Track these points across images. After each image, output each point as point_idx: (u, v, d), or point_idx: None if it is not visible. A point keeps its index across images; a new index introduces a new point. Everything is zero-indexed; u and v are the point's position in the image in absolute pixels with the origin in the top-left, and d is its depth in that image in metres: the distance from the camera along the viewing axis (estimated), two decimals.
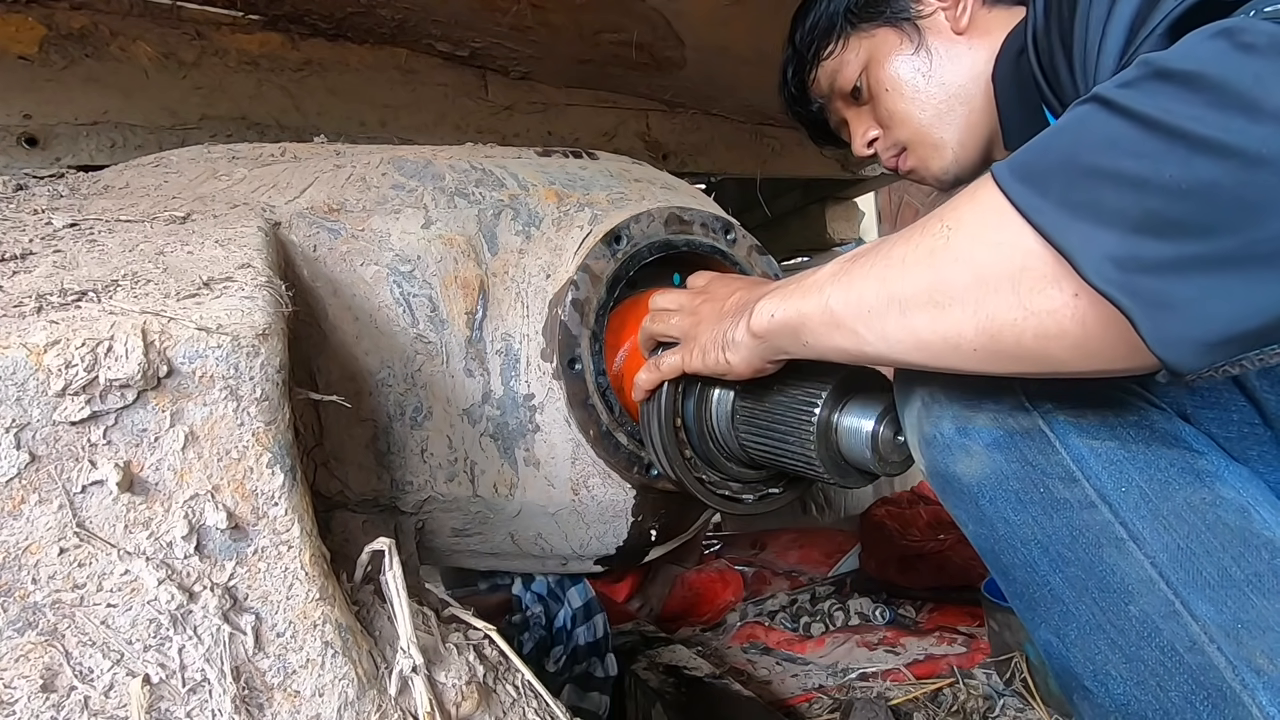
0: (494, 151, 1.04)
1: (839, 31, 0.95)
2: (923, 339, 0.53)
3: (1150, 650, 0.54)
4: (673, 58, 1.68)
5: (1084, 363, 0.47)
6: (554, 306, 0.89)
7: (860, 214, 2.63)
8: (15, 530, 0.45)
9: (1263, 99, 0.37)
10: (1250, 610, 0.51)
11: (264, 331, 0.51)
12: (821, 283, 0.61)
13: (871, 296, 0.55)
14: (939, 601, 1.61)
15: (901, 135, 0.95)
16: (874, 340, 0.56)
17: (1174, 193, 0.39)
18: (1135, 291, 0.40)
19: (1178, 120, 0.39)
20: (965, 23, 0.88)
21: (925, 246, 0.51)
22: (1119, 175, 0.41)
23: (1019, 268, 0.46)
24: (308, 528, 0.52)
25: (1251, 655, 0.50)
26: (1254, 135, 0.37)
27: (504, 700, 0.59)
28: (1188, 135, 0.38)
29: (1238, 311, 0.39)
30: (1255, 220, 0.37)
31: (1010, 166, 0.46)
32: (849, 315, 0.58)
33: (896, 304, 0.53)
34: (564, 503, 0.92)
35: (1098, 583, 0.56)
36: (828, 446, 0.76)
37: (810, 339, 0.63)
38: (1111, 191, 0.41)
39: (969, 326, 0.49)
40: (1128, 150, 0.41)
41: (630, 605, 1.64)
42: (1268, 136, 0.37)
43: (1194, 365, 0.40)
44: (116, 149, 1.40)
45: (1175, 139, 0.39)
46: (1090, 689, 0.58)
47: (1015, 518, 0.60)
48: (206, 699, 0.47)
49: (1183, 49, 0.41)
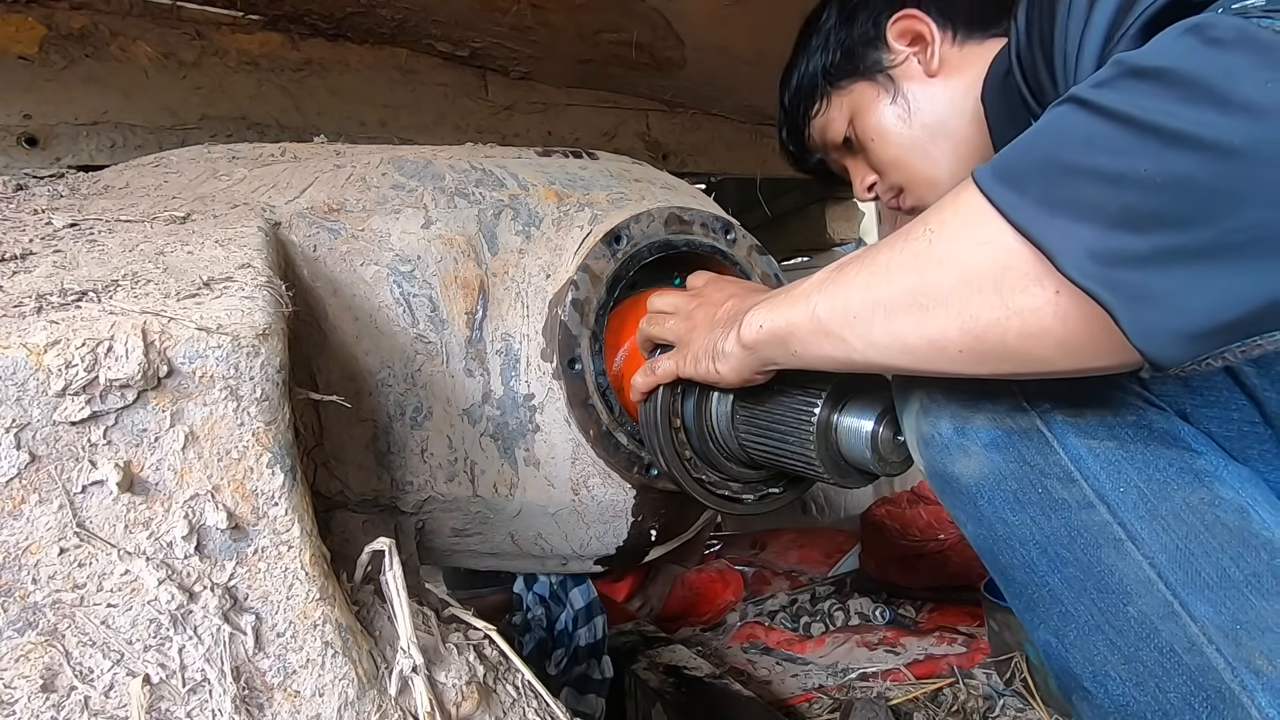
0: (494, 151, 1.04)
1: (820, 92, 0.99)
2: (908, 343, 0.53)
3: (1149, 651, 0.54)
4: (673, 58, 1.68)
5: (1068, 361, 0.47)
6: (554, 306, 0.89)
7: (860, 214, 2.63)
8: (15, 530, 0.45)
9: (1232, 91, 0.37)
10: (1249, 611, 0.51)
11: (264, 331, 0.51)
12: (809, 291, 0.61)
13: (857, 302, 0.56)
14: (939, 601, 1.61)
15: (896, 179, 0.98)
16: (861, 347, 0.57)
17: (1150, 186, 0.39)
18: (1115, 286, 0.40)
19: (1151, 116, 0.39)
20: (936, 65, 0.90)
21: (909, 251, 0.52)
22: (1096, 171, 0.41)
23: (1001, 267, 0.46)
24: (308, 528, 0.52)
25: (1250, 656, 0.50)
26: (1226, 127, 0.37)
27: (504, 700, 0.59)
28: (1161, 130, 0.39)
29: (1217, 302, 0.39)
30: (1230, 210, 0.38)
31: (991, 169, 0.47)
32: (835, 322, 0.58)
33: (882, 309, 0.54)
34: (564, 503, 0.92)
35: (1096, 583, 0.56)
36: (827, 446, 0.76)
37: (799, 348, 0.63)
38: (1089, 187, 0.41)
39: (954, 328, 0.49)
40: (1104, 147, 0.41)
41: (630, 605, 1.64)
42: (1239, 128, 0.37)
43: (1176, 358, 0.41)
44: (116, 149, 1.40)
45: (1149, 134, 0.39)
46: (1089, 689, 0.58)
47: (1013, 518, 0.60)
48: (206, 699, 0.47)
49: (1154, 47, 0.41)
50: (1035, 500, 0.59)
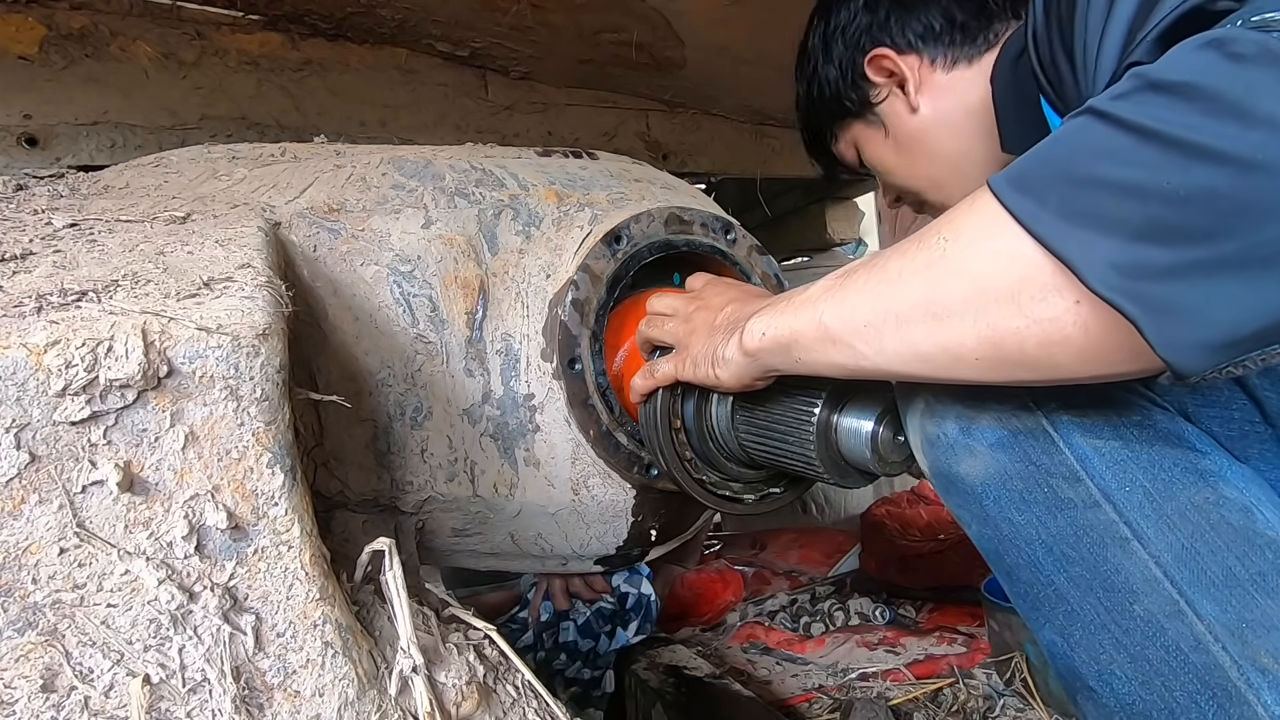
0: (494, 151, 1.04)
1: (826, 131, 1.02)
2: (922, 351, 0.53)
3: (1155, 650, 0.54)
4: (673, 58, 1.68)
5: (1088, 368, 0.47)
6: (554, 306, 0.89)
7: (860, 214, 2.63)
8: (15, 530, 0.45)
9: (1254, 107, 0.38)
10: (1255, 609, 0.51)
11: (264, 331, 0.51)
12: (815, 299, 0.61)
13: (868, 311, 0.55)
14: (939, 601, 1.60)
15: (917, 198, 0.99)
16: (871, 355, 0.56)
17: (1174, 200, 0.39)
18: (1140, 298, 0.40)
19: (1174, 129, 0.39)
20: (918, 100, 0.89)
21: (922, 259, 0.51)
22: (1118, 184, 0.41)
23: (1019, 277, 0.46)
24: (308, 528, 0.52)
25: (1256, 655, 0.50)
26: (1248, 141, 0.38)
27: (504, 700, 0.59)
28: (1184, 143, 0.39)
29: (1240, 314, 0.39)
30: (1253, 224, 0.38)
31: (1007, 177, 0.46)
32: (844, 330, 0.58)
33: (894, 317, 0.53)
34: (564, 503, 0.92)
35: (1102, 582, 0.56)
36: (827, 447, 0.76)
37: (803, 355, 0.63)
38: (1111, 200, 0.41)
39: (970, 337, 0.49)
40: (1126, 160, 0.41)
41: None
42: (1262, 142, 0.37)
43: (1200, 368, 0.41)
44: (116, 149, 1.40)
45: (1172, 147, 0.39)
46: (1095, 689, 0.58)
47: (1019, 518, 0.60)
48: (206, 699, 0.47)
49: (1173, 60, 0.41)
50: (1041, 500, 0.59)
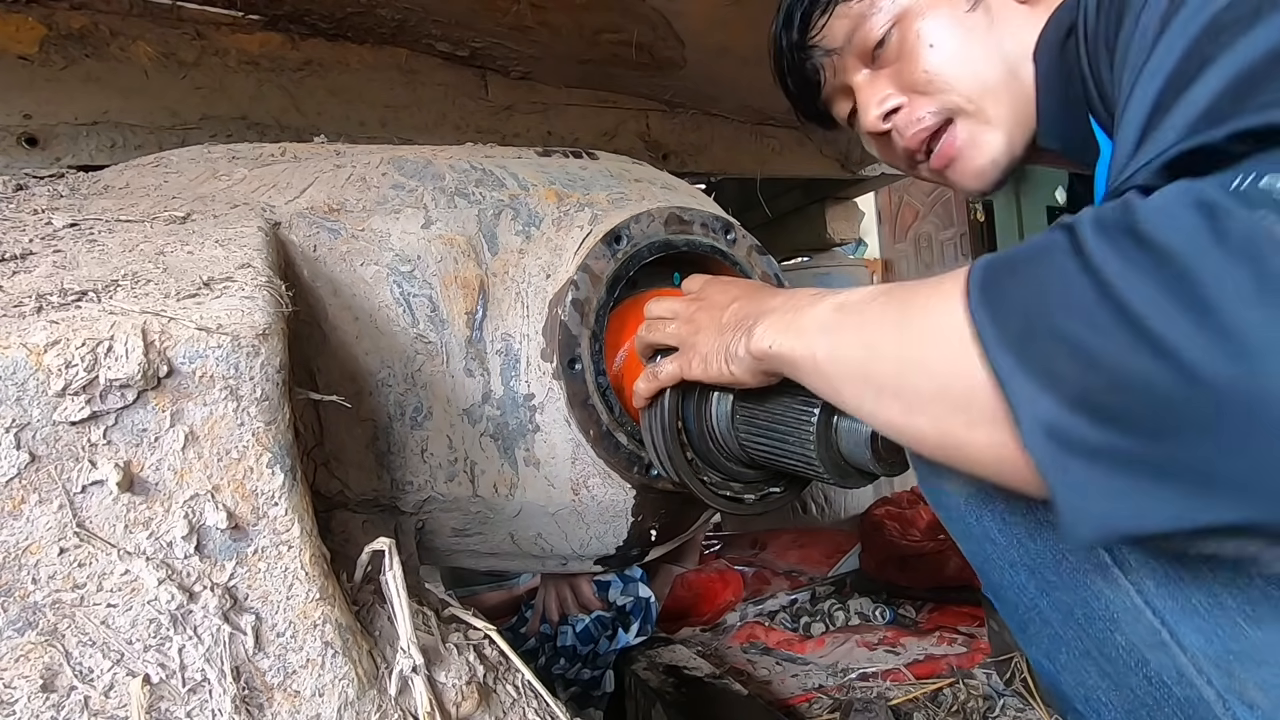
0: (494, 151, 1.04)
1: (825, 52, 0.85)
2: (896, 427, 0.53)
3: (1138, 680, 0.52)
4: (673, 58, 1.68)
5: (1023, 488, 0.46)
6: (554, 306, 0.89)
7: (860, 214, 2.63)
8: (15, 530, 0.45)
9: (1216, 305, 0.35)
10: (1242, 641, 0.48)
11: (264, 331, 0.51)
12: (815, 328, 0.60)
13: (853, 368, 0.55)
14: (939, 601, 1.61)
15: (945, 102, 0.80)
16: (854, 407, 0.57)
17: (1113, 380, 0.38)
18: (1059, 468, 0.40)
19: (1133, 299, 0.37)
20: None
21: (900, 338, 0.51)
22: (1070, 339, 0.39)
23: (969, 400, 0.45)
24: (308, 528, 0.52)
25: (1243, 688, 0.48)
26: (1195, 345, 0.35)
27: (504, 700, 0.59)
28: (1137, 320, 0.37)
29: (1146, 519, 0.38)
30: (1178, 438, 0.36)
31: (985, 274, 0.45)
32: (833, 374, 0.58)
33: (873, 388, 0.53)
34: (564, 503, 0.92)
35: (1084, 609, 0.55)
36: (827, 447, 0.76)
37: (802, 379, 0.63)
38: (1061, 353, 0.40)
39: (931, 433, 0.49)
40: (1082, 314, 0.39)
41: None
42: (1206, 351, 0.35)
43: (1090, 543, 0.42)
44: (116, 149, 1.40)
45: (1125, 320, 0.37)
46: (1082, 712, 0.57)
47: (1001, 538, 0.59)
48: (206, 699, 0.47)
49: (1164, 208, 0.39)
50: (1021, 521, 0.58)
